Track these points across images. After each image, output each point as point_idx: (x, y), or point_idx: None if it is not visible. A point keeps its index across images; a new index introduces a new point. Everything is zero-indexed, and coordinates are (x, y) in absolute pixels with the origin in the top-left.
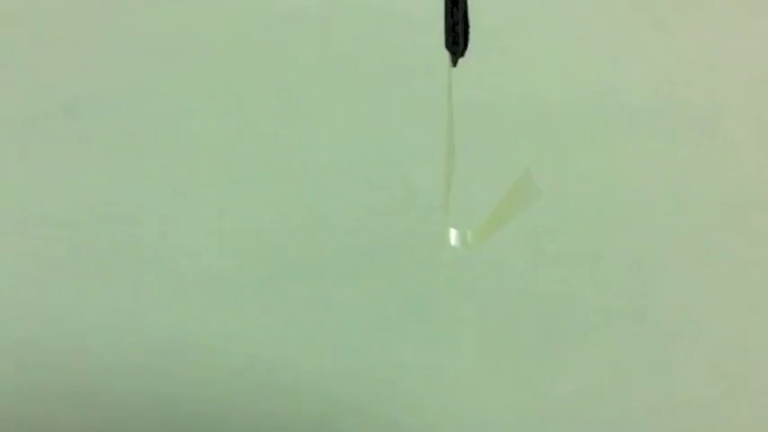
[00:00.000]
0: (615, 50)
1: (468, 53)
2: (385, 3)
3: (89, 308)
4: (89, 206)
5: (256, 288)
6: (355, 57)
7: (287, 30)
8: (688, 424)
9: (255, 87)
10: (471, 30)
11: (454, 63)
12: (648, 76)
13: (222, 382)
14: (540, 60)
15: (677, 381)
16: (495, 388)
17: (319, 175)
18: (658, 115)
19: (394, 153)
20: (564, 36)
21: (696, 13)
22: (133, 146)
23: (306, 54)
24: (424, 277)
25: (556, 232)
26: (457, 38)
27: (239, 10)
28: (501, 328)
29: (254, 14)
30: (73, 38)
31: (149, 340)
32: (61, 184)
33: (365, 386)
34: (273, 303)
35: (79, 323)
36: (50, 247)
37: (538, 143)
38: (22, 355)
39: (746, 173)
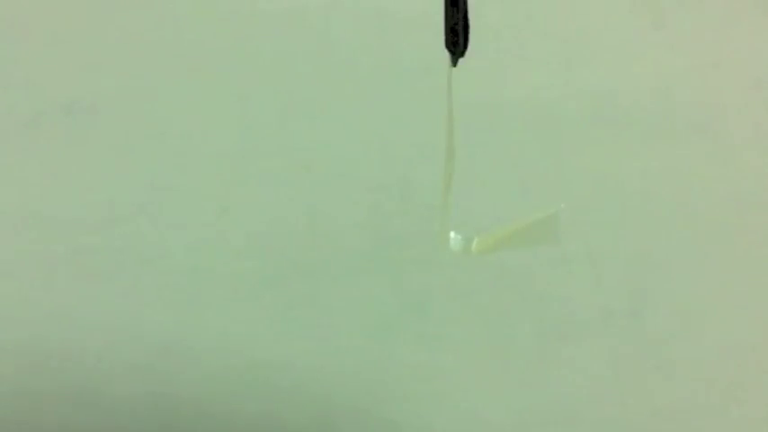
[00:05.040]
0: (615, 50)
1: (468, 53)
2: (385, 3)
3: (89, 308)
4: (89, 206)
5: (256, 288)
6: (355, 57)
7: (287, 30)
8: (688, 424)
9: (255, 87)
10: (471, 30)
11: (454, 63)
12: (648, 77)
13: (221, 382)
14: (540, 60)
15: (677, 381)
16: (495, 388)
17: (319, 175)
18: (658, 115)
19: (394, 153)
20: (564, 36)
21: (696, 14)
22: (133, 146)
23: (306, 54)
24: (423, 277)
25: None
26: (457, 38)
27: (240, 10)
28: (500, 327)
29: (255, 14)
30: (73, 38)
31: (149, 340)
32: (61, 184)
33: (364, 386)
34: (273, 303)
35: (79, 323)
36: (50, 247)
37: (538, 143)
38: (22, 355)
39: (746, 173)
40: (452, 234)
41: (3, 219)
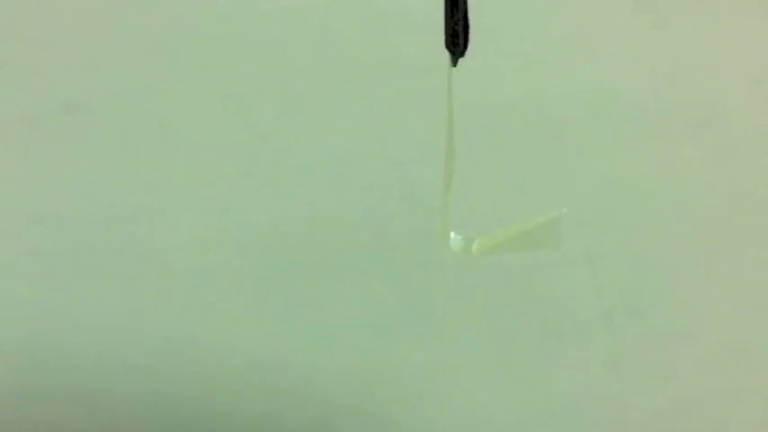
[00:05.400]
0: (615, 50)
1: (468, 53)
2: (385, 3)
3: (89, 308)
4: (89, 206)
5: (256, 288)
6: (355, 57)
7: (287, 30)
8: (688, 424)
9: (255, 87)
10: (471, 30)
11: (454, 63)
12: (648, 76)
13: (221, 381)
14: (540, 60)
15: (677, 381)
16: (495, 388)
17: (319, 174)
18: (658, 115)
19: (394, 153)
20: (564, 36)
21: (696, 13)
22: (133, 145)
23: (306, 54)
24: (424, 277)
25: None
26: (457, 38)
27: (239, 10)
28: (501, 328)
29: (255, 14)
30: (73, 38)
31: (149, 340)
32: (61, 184)
33: (364, 386)
34: (273, 303)
35: (79, 323)
36: (50, 247)
37: (538, 143)
38: (22, 355)
39: (746, 173)
40: (452, 234)
41: (2, 219)
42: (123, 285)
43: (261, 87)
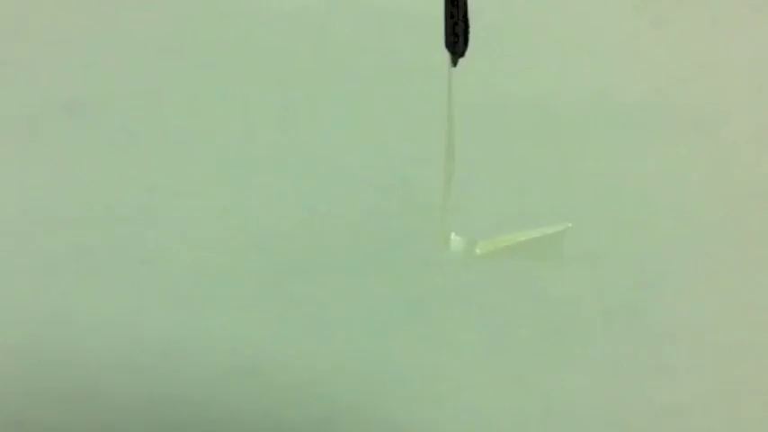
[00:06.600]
0: (615, 50)
1: (468, 53)
2: (385, 3)
3: (89, 308)
4: (89, 206)
5: (256, 288)
6: (355, 57)
7: (287, 30)
8: (688, 424)
9: (255, 87)
10: (471, 30)
11: (454, 63)
12: (648, 76)
13: (221, 382)
14: (540, 60)
15: (677, 381)
16: (495, 388)
17: (319, 175)
18: (658, 115)
19: (394, 153)
20: (564, 36)
21: (696, 14)
22: (133, 146)
23: (306, 54)
24: (424, 277)
25: None
26: (457, 38)
27: (239, 10)
28: (501, 328)
29: (255, 14)
30: (73, 38)
31: (149, 340)
32: (62, 184)
33: (364, 386)
34: (273, 303)
35: (79, 323)
36: (50, 247)
37: (538, 143)
38: (22, 355)
39: (746, 173)
40: (453, 236)
41: (3, 219)
42: (123, 285)
43: (261, 88)
